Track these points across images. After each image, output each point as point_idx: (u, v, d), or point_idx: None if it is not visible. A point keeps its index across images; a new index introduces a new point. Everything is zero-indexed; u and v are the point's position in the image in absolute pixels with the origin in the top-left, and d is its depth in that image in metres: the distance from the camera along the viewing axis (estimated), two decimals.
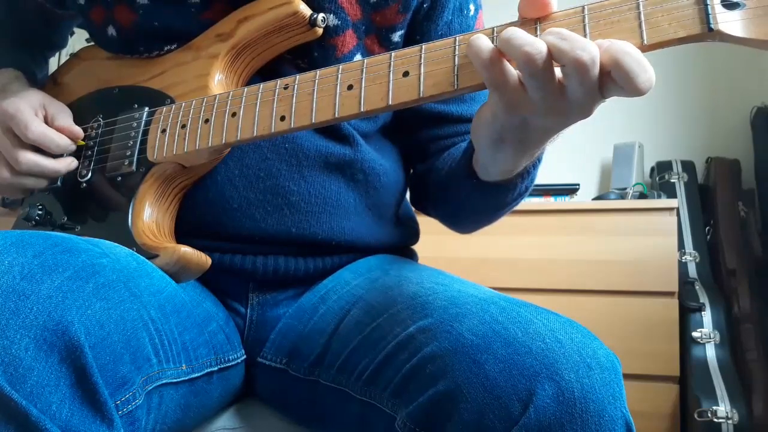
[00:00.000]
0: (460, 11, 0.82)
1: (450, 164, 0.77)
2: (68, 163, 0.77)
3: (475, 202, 0.73)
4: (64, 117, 0.78)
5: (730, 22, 0.45)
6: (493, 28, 0.53)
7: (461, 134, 0.83)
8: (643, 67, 0.45)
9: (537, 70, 0.47)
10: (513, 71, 0.50)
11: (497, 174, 0.65)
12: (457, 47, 0.53)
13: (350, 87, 0.58)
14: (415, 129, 0.85)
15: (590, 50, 0.46)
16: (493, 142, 0.58)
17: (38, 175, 0.76)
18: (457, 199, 0.77)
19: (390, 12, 0.76)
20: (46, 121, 0.77)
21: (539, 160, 0.65)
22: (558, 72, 0.49)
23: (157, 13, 0.74)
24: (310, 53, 0.74)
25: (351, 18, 0.74)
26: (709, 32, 0.46)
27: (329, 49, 0.74)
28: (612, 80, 0.47)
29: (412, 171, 0.91)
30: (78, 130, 0.78)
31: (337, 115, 0.58)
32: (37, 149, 0.76)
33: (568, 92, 0.49)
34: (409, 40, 0.81)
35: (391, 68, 0.56)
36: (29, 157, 0.75)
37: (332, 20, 0.73)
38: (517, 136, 0.56)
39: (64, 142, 0.76)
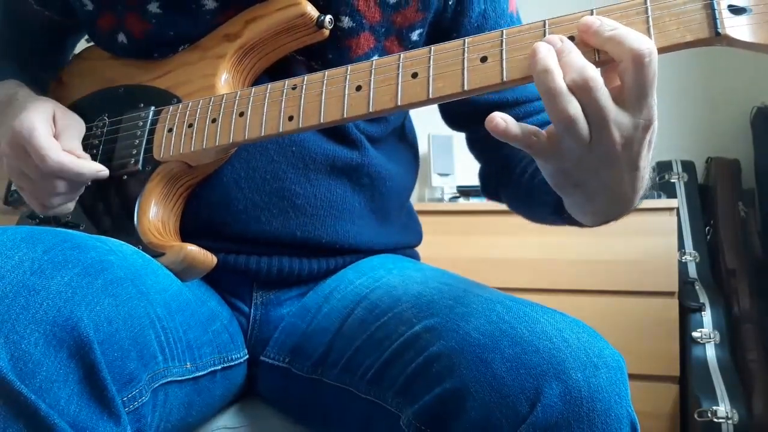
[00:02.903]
0: (484, 18, 0.80)
1: (531, 174, 0.76)
2: (96, 169, 0.70)
3: (555, 220, 0.74)
4: (68, 141, 0.71)
5: (737, 27, 0.46)
6: (501, 30, 0.53)
7: (522, 117, 0.82)
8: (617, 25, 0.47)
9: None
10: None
11: (584, 220, 0.65)
12: (466, 48, 0.54)
13: (359, 88, 0.58)
14: (475, 122, 0.83)
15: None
16: (554, 188, 0.58)
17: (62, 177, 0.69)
18: (533, 209, 0.79)
19: (409, 11, 0.76)
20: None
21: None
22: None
23: (171, 21, 0.74)
24: (324, 55, 0.74)
25: (368, 20, 0.74)
26: (716, 37, 0.46)
27: (344, 51, 0.74)
28: (608, 59, 0.48)
29: (484, 163, 0.90)
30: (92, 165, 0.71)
31: (345, 116, 0.59)
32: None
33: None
34: (439, 40, 0.81)
35: (400, 69, 0.56)
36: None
37: (347, 22, 0.73)
38: (565, 182, 0.55)
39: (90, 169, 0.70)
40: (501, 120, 0.50)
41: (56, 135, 0.71)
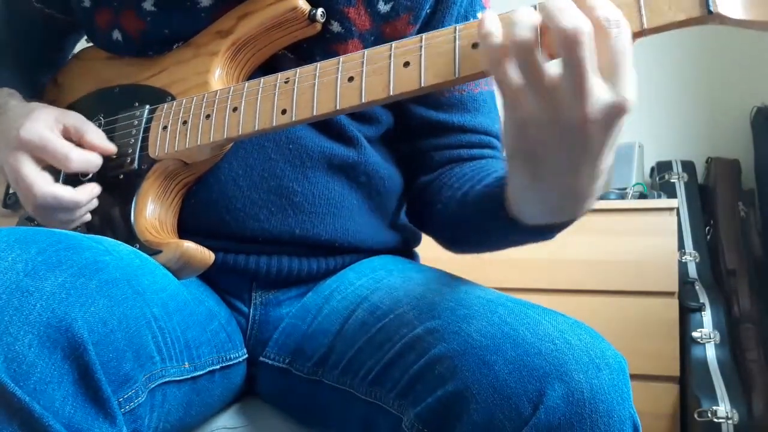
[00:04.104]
0: (465, 19, 0.80)
1: (472, 185, 0.73)
2: (90, 191, 0.69)
3: (490, 229, 0.70)
4: (93, 132, 0.71)
5: (729, 4, 0.45)
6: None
7: (465, 146, 0.81)
8: None
9: (522, 54, 0.46)
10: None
11: (525, 214, 0.61)
12: (457, 35, 0.53)
13: (351, 79, 0.58)
14: (416, 137, 0.83)
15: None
16: (508, 157, 0.54)
17: (59, 209, 0.67)
18: (468, 222, 0.73)
19: (401, 23, 0.76)
20: (70, 137, 0.70)
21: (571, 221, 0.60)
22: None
23: (166, 20, 0.74)
24: (313, 58, 0.74)
25: (358, 28, 0.74)
26: (708, 15, 0.46)
27: (331, 55, 0.73)
28: None
29: (413, 184, 0.87)
30: (111, 147, 0.72)
31: (338, 107, 0.59)
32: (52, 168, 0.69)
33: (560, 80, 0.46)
34: None
35: (392, 59, 0.56)
36: (47, 191, 0.66)
37: (336, 27, 0.73)
38: (522, 147, 0.51)
39: (99, 161, 0.70)
40: (491, 20, 0.48)
41: (72, 132, 0.70)
